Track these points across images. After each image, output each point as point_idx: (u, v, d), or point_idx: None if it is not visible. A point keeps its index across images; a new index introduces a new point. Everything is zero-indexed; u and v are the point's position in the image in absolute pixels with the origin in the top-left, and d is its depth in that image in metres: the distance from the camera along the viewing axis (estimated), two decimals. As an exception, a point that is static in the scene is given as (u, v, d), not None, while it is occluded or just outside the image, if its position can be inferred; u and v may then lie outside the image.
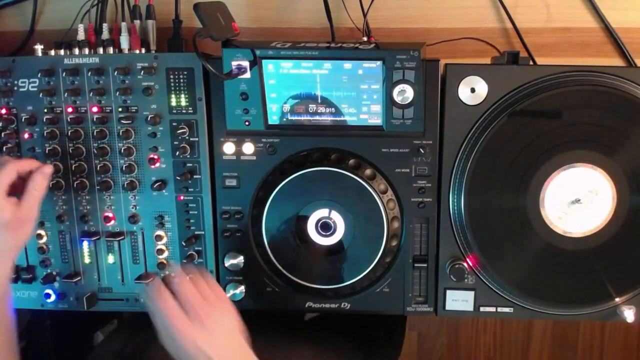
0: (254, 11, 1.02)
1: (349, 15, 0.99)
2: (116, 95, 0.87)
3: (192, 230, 0.91)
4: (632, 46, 0.97)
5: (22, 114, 0.88)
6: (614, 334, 1.54)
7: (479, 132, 0.84)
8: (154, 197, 0.90)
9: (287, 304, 0.92)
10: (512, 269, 0.86)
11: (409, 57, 0.79)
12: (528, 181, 0.83)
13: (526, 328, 1.57)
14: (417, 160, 0.86)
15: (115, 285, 0.93)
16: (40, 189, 0.80)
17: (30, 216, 0.79)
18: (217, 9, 0.81)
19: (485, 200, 0.84)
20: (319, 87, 0.83)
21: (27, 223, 0.79)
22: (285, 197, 0.86)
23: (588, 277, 0.85)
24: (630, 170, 0.82)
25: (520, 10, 0.98)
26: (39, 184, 0.80)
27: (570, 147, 0.82)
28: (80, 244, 0.92)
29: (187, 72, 0.86)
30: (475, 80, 0.83)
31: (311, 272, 0.89)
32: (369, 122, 0.84)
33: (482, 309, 0.90)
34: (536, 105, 0.81)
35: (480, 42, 0.99)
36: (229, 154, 0.88)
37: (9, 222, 0.77)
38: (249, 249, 0.90)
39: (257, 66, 0.82)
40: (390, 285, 0.90)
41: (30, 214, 0.79)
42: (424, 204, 0.87)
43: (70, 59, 0.87)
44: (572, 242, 0.84)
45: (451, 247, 0.88)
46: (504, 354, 1.59)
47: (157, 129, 0.87)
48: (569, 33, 0.99)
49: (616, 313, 0.88)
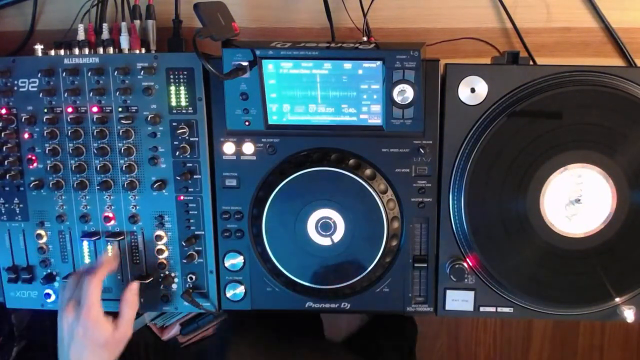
0: (254, 11, 1.02)
1: (349, 15, 0.99)
2: (116, 95, 0.87)
3: (192, 230, 0.91)
4: (632, 46, 0.97)
5: (22, 114, 0.88)
6: (614, 334, 1.54)
7: (479, 132, 0.84)
8: (154, 197, 0.90)
9: (287, 304, 0.92)
10: (512, 269, 0.86)
11: (409, 57, 0.79)
12: (528, 181, 0.83)
13: (526, 328, 1.57)
14: (417, 160, 0.86)
15: (115, 285, 0.93)
16: (134, 307, 0.85)
17: (125, 336, 0.84)
18: (217, 9, 0.81)
19: (485, 200, 0.84)
20: (319, 87, 0.83)
21: (122, 342, 0.84)
22: (285, 197, 0.86)
23: (588, 277, 0.85)
24: (630, 170, 0.82)
25: (520, 10, 0.98)
26: (133, 302, 0.85)
27: (570, 147, 0.82)
28: (80, 244, 0.92)
29: (187, 72, 0.86)
30: (475, 80, 0.83)
31: (311, 272, 0.89)
32: (369, 122, 0.84)
33: (482, 309, 0.90)
34: (536, 105, 0.81)
35: (480, 42, 0.99)
36: (229, 154, 0.88)
37: (107, 342, 0.81)
38: (249, 249, 0.90)
39: (257, 66, 0.82)
40: (390, 285, 0.90)
41: (126, 334, 0.84)
42: (424, 204, 0.87)
43: (70, 59, 0.87)
44: (572, 242, 0.84)
45: (451, 247, 0.88)
46: (504, 354, 1.59)
47: (157, 129, 0.87)
48: (569, 33, 0.99)
49: (616, 313, 0.88)
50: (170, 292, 0.93)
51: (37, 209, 0.91)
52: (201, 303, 0.92)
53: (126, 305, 0.84)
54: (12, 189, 0.91)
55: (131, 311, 0.84)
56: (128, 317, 0.84)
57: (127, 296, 0.85)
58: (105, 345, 0.81)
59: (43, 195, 0.91)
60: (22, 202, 0.91)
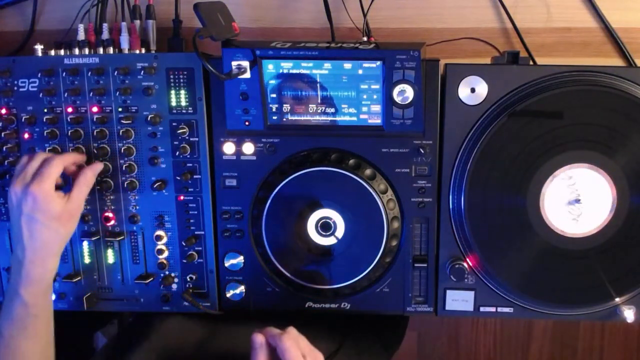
0: (254, 11, 1.02)
1: (349, 15, 0.99)
2: (116, 95, 0.87)
3: (192, 230, 0.91)
4: (632, 46, 0.97)
5: (22, 114, 0.88)
6: (614, 334, 1.54)
7: (479, 132, 0.84)
8: (154, 197, 0.90)
9: (287, 304, 0.92)
10: (512, 269, 0.86)
11: (409, 57, 0.79)
12: (528, 181, 0.83)
13: (526, 328, 1.57)
14: (417, 160, 0.86)
15: (115, 285, 0.93)
16: (89, 185, 0.83)
17: (77, 210, 0.82)
18: (217, 9, 0.82)
19: (485, 200, 0.84)
20: (319, 87, 0.83)
21: (74, 217, 0.81)
22: (285, 197, 0.86)
23: (588, 277, 0.85)
24: (630, 170, 0.82)
25: (520, 10, 0.98)
26: (89, 179, 0.83)
27: (570, 147, 0.82)
28: (80, 244, 0.92)
29: (187, 72, 0.86)
30: (475, 80, 0.83)
31: (311, 272, 0.89)
32: (369, 122, 0.84)
33: (482, 309, 0.90)
34: (536, 105, 0.81)
35: (480, 42, 0.99)
36: (229, 154, 0.88)
37: (60, 215, 0.79)
38: (249, 249, 0.90)
39: (257, 66, 0.82)
40: (390, 285, 0.90)
41: (77, 208, 0.82)
42: (424, 204, 0.87)
43: (70, 59, 0.87)
44: (572, 242, 0.84)
45: (451, 247, 0.88)
46: (504, 354, 1.59)
47: (157, 129, 0.87)
48: (569, 33, 0.99)
49: (616, 313, 0.88)
50: (170, 292, 0.93)
51: (37, 209, 0.91)
52: (201, 303, 0.92)
53: (82, 180, 0.82)
54: (12, 189, 0.91)
55: (84, 187, 0.82)
56: (82, 191, 0.82)
57: (85, 171, 0.83)
58: (58, 218, 0.79)
59: (43, 195, 0.91)
60: (22, 202, 0.91)
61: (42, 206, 0.78)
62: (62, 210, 0.79)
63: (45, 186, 0.78)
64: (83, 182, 0.82)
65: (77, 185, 0.82)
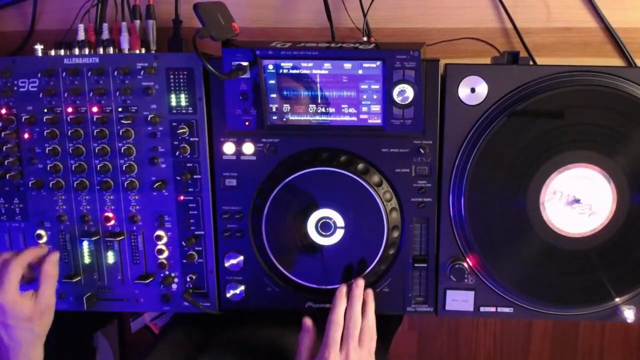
0: (254, 11, 1.02)
1: (349, 15, 0.99)
2: (116, 95, 0.87)
3: (192, 230, 0.91)
4: (632, 46, 0.97)
5: (22, 114, 0.88)
6: (614, 334, 1.55)
7: (479, 132, 0.84)
8: (154, 197, 0.90)
9: (287, 304, 0.92)
10: (512, 269, 0.86)
11: (409, 57, 0.79)
12: (528, 181, 0.83)
13: (526, 328, 1.57)
14: (417, 160, 0.86)
15: (115, 285, 0.93)
16: (54, 277, 0.85)
17: (48, 306, 0.84)
18: (217, 9, 0.82)
19: (485, 200, 0.84)
20: (319, 87, 0.83)
21: (46, 312, 0.83)
22: (286, 197, 0.86)
23: (588, 277, 0.85)
24: (630, 170, 0.82)
25: (520, 10, 0.98)
26: (50, 273, 0.84)
27: (570, 147, 0.82)
28: (80, 244, 0.92)
29: (187, 72, 0.86)
30: (475, 80, 0.83)
31: (311, 272, 0.89)
32: (369, 122, 0.84)
33: (482, 309, 0.90)
34: (536, 105, 0.81)
35: (480, 42, 0.99)
36: (229, 154, 0.88)
37: (31, 316, 0.81)
38: (249, 249, 0.90)
39: (257, 66, 0.82)
40: (390, 285, 0.90)
41: (48, 304, 0.83)
42: (424, 204, 0.87)
43: (70, 59, 0.87)
44: (572, 242, 0.84)
45: (451, 247, 0.88)
46: (504, 354, 1.59)
47: (157, 129, 0.87)
48: (569, 33, 0.99)
49: (616, 313, 0.88)
50: (170, 292, 0.93)
51: (37, 209, 0.91)
52: (201, 303, 0.92)
53: (44, 277, 0.83)
54: (12, 189, 0.91)
55: (49, 283, 0.83)
56: (47, 287, 0.83)
57: (45, 268, 0.84)
58: (29, 319, 0.81)
59: (43, 195, 0.91)
60: (22, 202, 0.91)
61: (11, 313, 0.80)
62: (32, 311, 0.81)
63: (9, 294, 0.79)
64: (45, 278, 0.83)
65: (41, 282, 0.83)
